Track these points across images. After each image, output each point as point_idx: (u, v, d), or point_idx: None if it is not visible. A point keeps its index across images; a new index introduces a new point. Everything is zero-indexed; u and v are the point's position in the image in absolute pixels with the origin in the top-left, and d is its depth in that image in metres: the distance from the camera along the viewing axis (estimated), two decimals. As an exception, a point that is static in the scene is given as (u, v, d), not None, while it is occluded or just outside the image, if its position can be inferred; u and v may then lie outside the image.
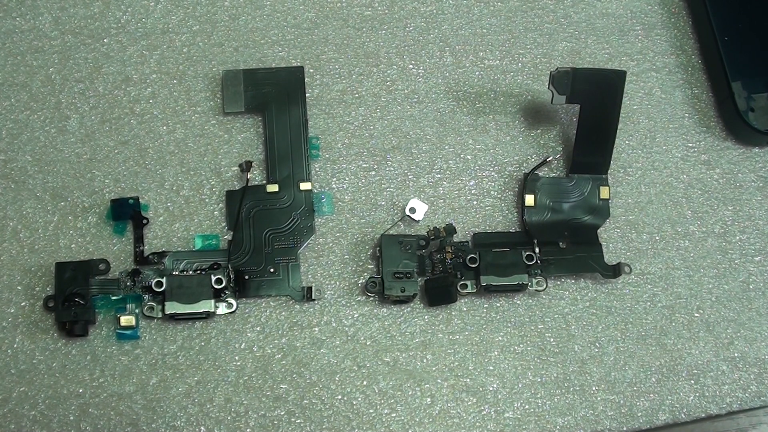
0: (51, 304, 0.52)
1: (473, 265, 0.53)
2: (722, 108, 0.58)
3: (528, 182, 0.55)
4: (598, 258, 0.54)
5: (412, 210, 0.55)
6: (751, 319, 0.55)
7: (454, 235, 0.54)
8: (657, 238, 0.56)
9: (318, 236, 0.55)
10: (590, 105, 0.54)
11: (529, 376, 0.53)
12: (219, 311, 0.52)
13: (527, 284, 0.53)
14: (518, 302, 0.54)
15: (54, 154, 0.55)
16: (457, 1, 0.60)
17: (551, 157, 0.56)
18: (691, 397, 0.53)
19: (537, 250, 0.53)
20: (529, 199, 0.55)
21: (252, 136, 0.56)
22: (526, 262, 0.53)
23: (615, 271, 0.54)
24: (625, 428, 0.53)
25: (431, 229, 0.54)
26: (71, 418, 0.51)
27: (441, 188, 0.56)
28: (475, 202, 0.56)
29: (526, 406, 0.53)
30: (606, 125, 0.55)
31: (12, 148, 0.55)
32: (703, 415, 0.53)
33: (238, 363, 0.52)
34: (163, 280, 0.51)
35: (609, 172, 0.56)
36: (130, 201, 0.54)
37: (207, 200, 0.55)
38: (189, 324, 0.53)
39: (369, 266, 0.54)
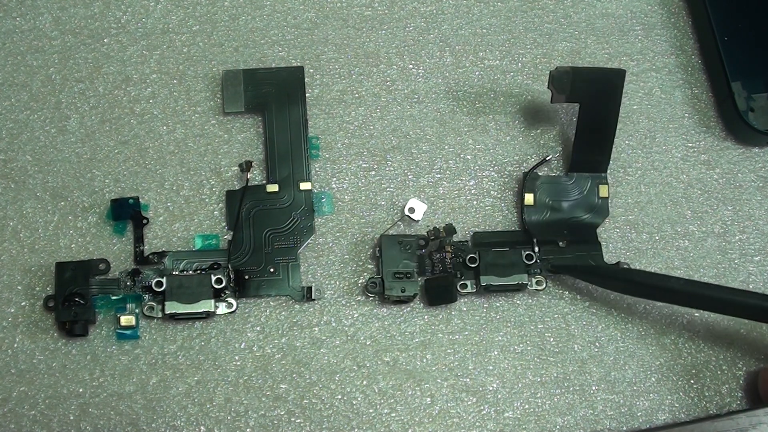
0: (51, 304, 0.52)
1: (473, 265, 0.53)
2: (722, 108, 0.58)
3: (527, 181, 0.55)
4: (598, 257, 0.54)
5: (412, 210, 0.55)
6: (751, 318, 0.55)
7: (454, 235, 0.54)
8: (657, 238, 0.56)
9: (318, 236, 0.55)
10: (590, 104, 0.54)
11: (529, 375, 0.53)
12: (219, 311, 0.52)
13: (527, 284, 0.53)
14: (518, 302, 0.54)
15: (54, 154, 0.55)
16: (457, 1, 0.60)
17: (550, 156, 0.56)
18: (691, 397, 0.53)
19: (536, 249, 0.53)
20: (529, 198, 0.55)
21: (252, 136, 0.56)
22: (526, 261, 0.53)
23: (615, 270, 0.54)
24: (625, 428, 0.53)
25: (431, 229, 0.54)
26: (71, 418, 0.51)
27: (441, 188, 0.56)
28: (474, 202, 0.56)
29: (526, 406, 0.53)
30: (605, 123, 0.54)
31: (12, 148, 0.55)
32: (703, 415, 0.53)
33: (238, 363, 0.52)
34: (163, 280, 0.51)
35: (609, 172, 0.56)
36: (130, 201, 0.54)
37: (207, 200, 0.55)
38: (189, 324, 0.53)
39: (369, 266, 0.54)
